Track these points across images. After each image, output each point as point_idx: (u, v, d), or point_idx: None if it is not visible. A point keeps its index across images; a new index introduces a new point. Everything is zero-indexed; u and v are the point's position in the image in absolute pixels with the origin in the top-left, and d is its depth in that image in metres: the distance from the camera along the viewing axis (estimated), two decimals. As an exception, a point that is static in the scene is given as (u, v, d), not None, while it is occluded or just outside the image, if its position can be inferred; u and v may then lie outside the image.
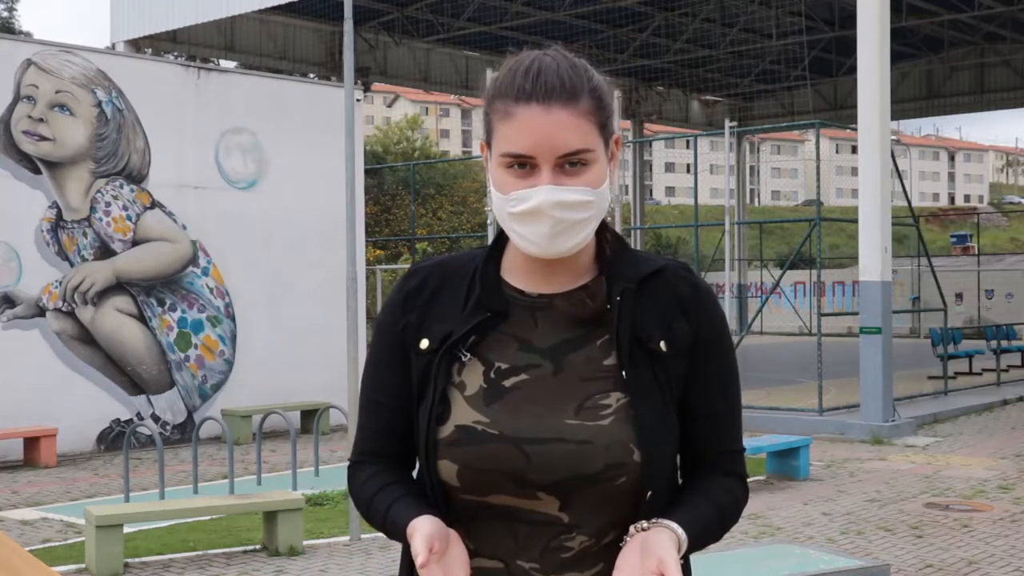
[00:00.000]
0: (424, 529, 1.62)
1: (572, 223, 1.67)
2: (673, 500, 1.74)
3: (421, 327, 1.77)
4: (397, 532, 1.70)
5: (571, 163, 1.67)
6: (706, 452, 1.80)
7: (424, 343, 1.76)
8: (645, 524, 1.66)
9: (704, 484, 1.79)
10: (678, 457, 1.80)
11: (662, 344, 1.72)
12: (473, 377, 1.72)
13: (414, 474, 1.83)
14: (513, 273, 1.78)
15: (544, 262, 1.75)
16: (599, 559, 1.70)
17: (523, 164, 1.67)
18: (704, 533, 1.72)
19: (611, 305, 1.73)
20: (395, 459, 1.82)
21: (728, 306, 16.43)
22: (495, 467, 1.67)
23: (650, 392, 1.70)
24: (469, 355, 1.73)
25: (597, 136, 1.69)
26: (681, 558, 1.66)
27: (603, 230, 1.78)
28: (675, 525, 1.67)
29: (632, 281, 1.74)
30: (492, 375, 1.72)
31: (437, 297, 1.79)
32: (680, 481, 1.82)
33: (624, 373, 1.69)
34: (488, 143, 1.74)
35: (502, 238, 1.81)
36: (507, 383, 1.71)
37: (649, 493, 1.68)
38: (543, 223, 1.66)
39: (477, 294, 1.75)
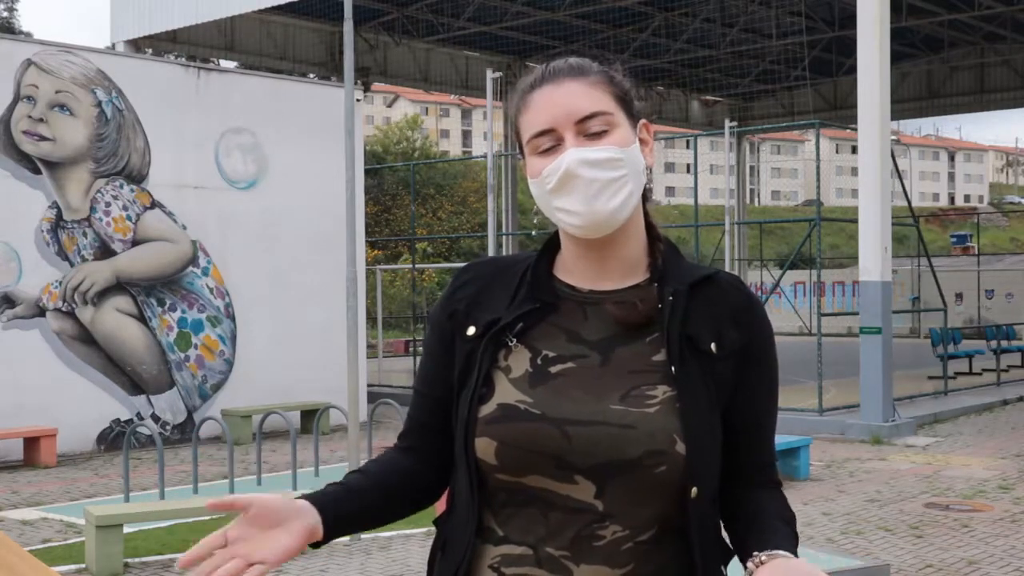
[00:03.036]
0: (255, 496, 1.64)
1: (606, 182, 1.70)
2: (750, 527, 1.73)
3: (469, 315, 1.80)
4: None
5: (592, 131, 1.72)
6: (744, 462, 1.79)
7: (471, 330, 1.78)
8: (763, 557, 1.63)
9: (764, 504, 1.78)
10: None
11: (712, 346, 1.73)
12: (519, 362, 1.74)
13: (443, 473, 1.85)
14: (565, 272, 1.81)
15: (593, 258, 1.78)
16: (632, 557, 1.67)
17: (550, 146, 1.73)
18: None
19: (662, 304, 1.74)
20: (431, 453, 1.83)
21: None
22: (535, 447, 1.67)
23: (697, 390, 1.70)
24: (516, 341, 1.75)
25: (614, 105, 1.75)
26: None
27: (656, 238, 1.82)
28: (788, 554, 1.64)
29: (683, 283, 1.76)
30: (539, 361, 1.74)
31: (487, 290, 1.82)
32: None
33: (673, 368, 1.70)
34: (521, 150, 1.81)
35: (555, 239, 1.85)
36: (553, 369, 1.73)
37: (695, 489, 1.66)
38: (577, 186, 1.70)
39: (528, 285, 1.79)
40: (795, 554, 1.66)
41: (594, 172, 1.69)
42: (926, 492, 10.23)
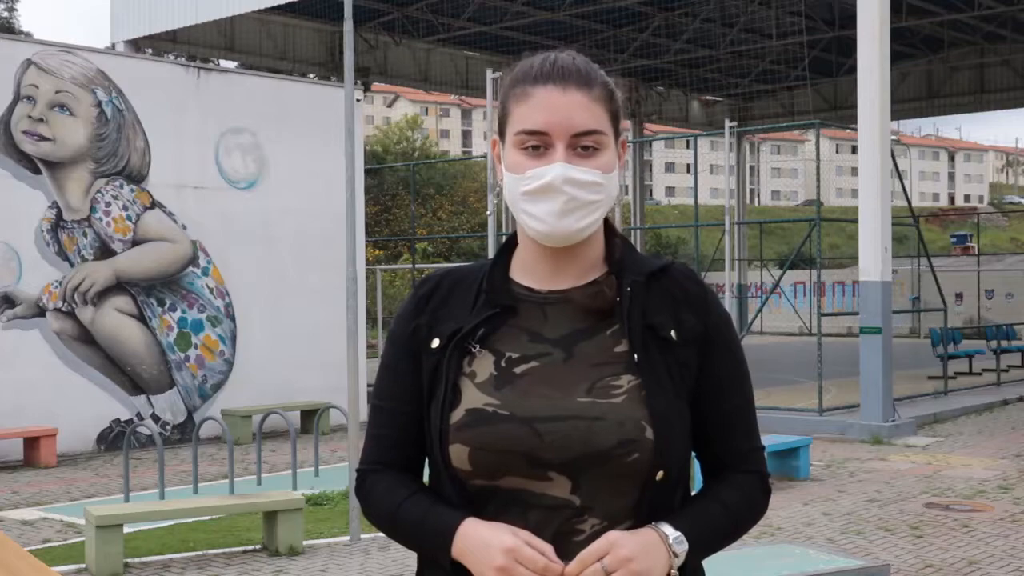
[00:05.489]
0: (506, 534, 1.65)
1: (582, 203, 1.72)
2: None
3: (432, 329, 1.80)
4: (440, 545, 1.71)
5: (584, 146, 1.73)
6: (721, 451, 1.82)
7: (435, 342, 1.79)
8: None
9: (713, 486, 1.82)
10: (695, 458, 1.83)
11: (672, 333, 1.76)
12: (484, 367, 1.75)
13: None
14: (522, 273, 1.82)
15: (552, 259, 1.79)
16: None
17: (537, 146, 1.73)
18: (710, 532, 1.75)
19: (621, 297, 1.76)
20: (405, 468, 1.83)
21: (728, 306, 16.44)
22: (507, 447, 1.68)
23: (661, 377, 1.73)
24: (479, 347, 1.76)
25: (609, 125, 1.76)
26: (688, 559, 1.70)
27: (612, 234, 1.83)
28: (664, 524, 1.70)
29: (641, 275, 1.78)
30: (503, 363, 1.75)
31: (448, 301, 1.83)
32: (702, 482, 1.84)
33: (635, 356, 1.72)
34: (501, 133, 1.80)
35: (511, 242, 1.86)
36: (518, 370, 1.74)
37: (660, 473, 1.69)
38: (555, 199, 1.71)
39: (485, 291, 1.80)
40: (698, 529, 1.71)
41: (575, 191, 1.71)
42: (926, 492, 10.23)
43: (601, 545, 1.63)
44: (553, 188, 1.70)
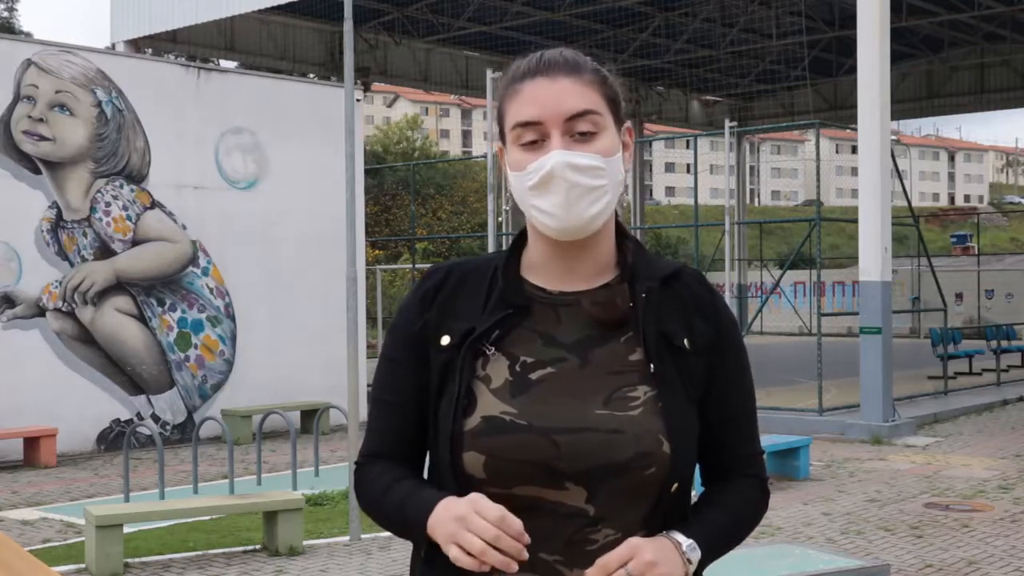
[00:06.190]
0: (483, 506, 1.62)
1: (587, 189, 1.70)
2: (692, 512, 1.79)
3: (441, 324, 1.78)
4: (418, 521, 1.68)
5: (581, 132, 1.71)
6: (725, 456, 1.83)
7: (445, 339, 1.76)
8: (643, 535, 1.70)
9: (717, 492, 1.83)
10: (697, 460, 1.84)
11: (685, 342, 1.75)
12: (498, 371, 1.73)
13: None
14: (533, 271, 1.80)
15: (563, 258, 1.77)
16: None
17: (535, 140, 1.71)
18: (718, 539, 1.76)
19: (634, 303, 1.75)
20: (404, 461, 1.82)
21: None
22: (524, 457, 1.67)
23: (675, 387, 1.72)
24: (493, 349, 1.74)
25: (604, 106, 1.74)
26: (698, 567, 1.71)
27: (623, 236, 1.82)
28: (676, 533, 1.70)
29: (654, 280, 1.77)
30: (518, 368, 1.73)
31: (456, 295, 1.79)
32: (701, 484, 1.85)
33: (652, 367, 1.71)
34: (502, 137, 1.79)
35: (522, 238, 1.84)
36: (533, 376, 1.72)
37: (675, 485, 1.69)
38: (559, 188, 1.69)
39: (499, 290, 1.77)
40: (701, 538, 1.71)
41: (577, 177, 1.69)
42: (926, 492, 10.23)
43: (624, 551, 1.62)
44: (554, 176, 1.69)
